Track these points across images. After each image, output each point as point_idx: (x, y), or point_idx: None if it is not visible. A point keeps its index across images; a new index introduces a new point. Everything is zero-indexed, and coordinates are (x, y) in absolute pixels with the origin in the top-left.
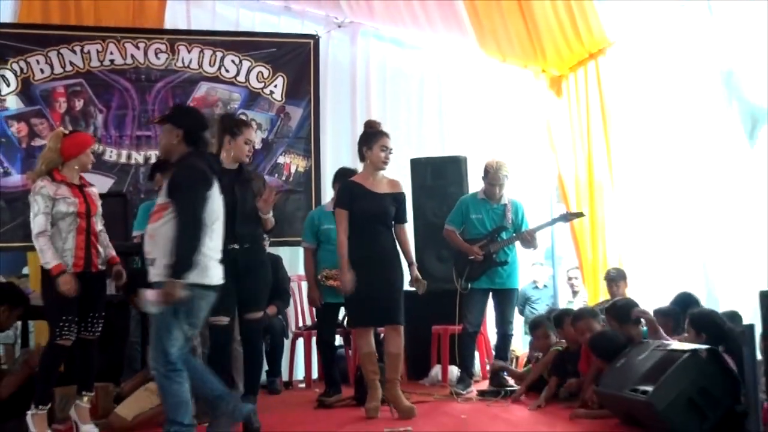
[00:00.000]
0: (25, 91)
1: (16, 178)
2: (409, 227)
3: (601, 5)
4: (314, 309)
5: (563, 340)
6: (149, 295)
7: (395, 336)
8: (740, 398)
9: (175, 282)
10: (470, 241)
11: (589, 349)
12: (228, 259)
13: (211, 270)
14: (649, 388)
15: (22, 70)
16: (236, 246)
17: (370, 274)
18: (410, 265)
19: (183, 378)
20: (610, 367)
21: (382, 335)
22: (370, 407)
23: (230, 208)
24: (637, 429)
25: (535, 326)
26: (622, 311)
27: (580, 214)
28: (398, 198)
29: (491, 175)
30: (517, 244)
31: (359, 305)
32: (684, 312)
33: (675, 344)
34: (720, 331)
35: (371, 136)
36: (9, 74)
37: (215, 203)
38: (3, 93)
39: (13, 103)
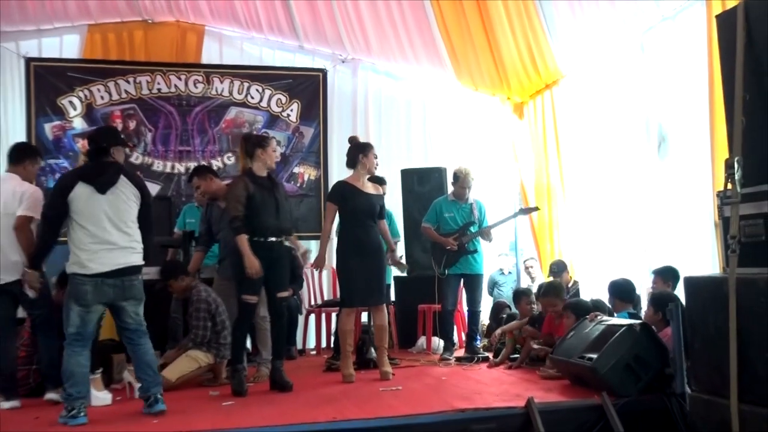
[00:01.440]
0: (89, 113)
1: None
2: (398, 224)
3: (555, 45)
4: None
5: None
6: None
7: (380, 312)
8: (668, 363)
9: (29, 271)
10: (445, 235)
11: (556, 316)
12: (267, 248)
13: (89, 263)
14: (594, 356)
15: (86, 96)
16: (274, 239)
17: (364, 261)
18: (392, 251)
19: (73, 353)
20: (563, 338)
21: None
22: (346, 373)
23: (273, 208)
24: (584, 388)
25: (520, 294)
26: (621, 288)
27: (535, 208)
28: (381, 199)
29: (461, 180)
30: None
31: (353, 287)
32: (674, 282)
33: (613, 320)
34: None
35: (365, 146)
36: (75, 100)
37: (85, 203)
38: (71, 115)
39: (79, 124)
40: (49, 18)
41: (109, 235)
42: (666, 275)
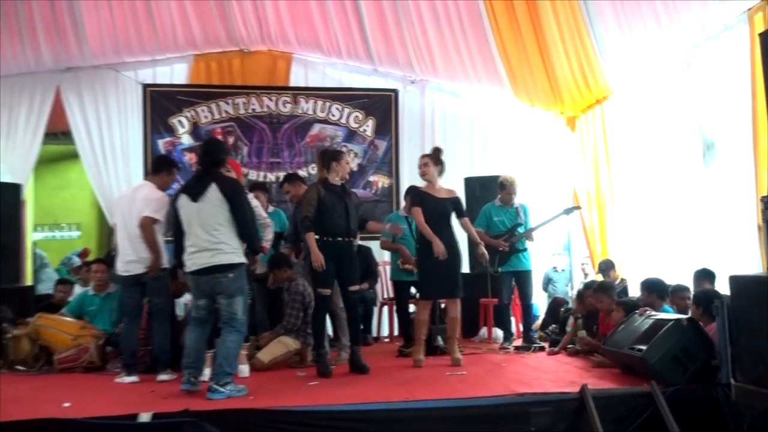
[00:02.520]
0: (195, 131)
1: None
2: None
3: (605, 63)
4: (394, 285)
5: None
6: None
7: (454, 305)
8: (714, 355)
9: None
10: (495, 237)
11: (606, 314)
12: (336, 247)
13: (187, 262)
14: (644, 347)
15: (192, 116)
16: (341, 239)
17: (440, 258)
18: (476, 245)
19: (188, 330)
20: (614, 330)
21: (443, 305)
22: (417, 359)
23: (343, 212)
24: (634, 377)
25: (585, 288)
26: (655, 286)
27: (577, 207)
28: (455, 201)
29: (507, 187)
30: None
31: (428, 282)
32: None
33: (661, 315)
34: None
35: (425, 157)
36: (183, 119)
37: (184, 211)
38: (179, 132)
39: (186, 140)
40: (161, 49)
41: (198, 238)
42: (702, 277)
